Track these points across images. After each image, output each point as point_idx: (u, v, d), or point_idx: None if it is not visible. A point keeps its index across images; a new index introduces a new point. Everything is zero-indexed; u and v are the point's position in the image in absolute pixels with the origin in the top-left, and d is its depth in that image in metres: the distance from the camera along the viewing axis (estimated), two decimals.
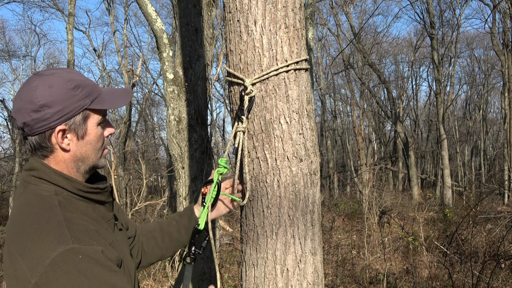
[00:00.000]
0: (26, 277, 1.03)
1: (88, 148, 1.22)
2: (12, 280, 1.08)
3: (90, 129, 1.21)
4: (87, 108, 1.19)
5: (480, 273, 5.53)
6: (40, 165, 1.18)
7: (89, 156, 1.24)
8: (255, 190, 1.64)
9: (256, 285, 1.64)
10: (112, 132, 1.28)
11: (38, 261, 1.03)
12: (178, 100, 4.62)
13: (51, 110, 1.13)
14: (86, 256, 1.05)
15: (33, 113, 1.13)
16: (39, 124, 1.14)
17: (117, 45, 22.13)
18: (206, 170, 4.55)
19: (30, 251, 1.05)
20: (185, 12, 4.48)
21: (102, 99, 1.22)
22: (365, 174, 14.08)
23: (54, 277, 1.01)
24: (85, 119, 1.20)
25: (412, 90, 31.84)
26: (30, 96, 1.14)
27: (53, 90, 1.14)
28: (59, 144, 1.18)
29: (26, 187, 1.18)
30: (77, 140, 1.20)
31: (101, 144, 1.26)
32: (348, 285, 7.14)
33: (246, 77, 1.61)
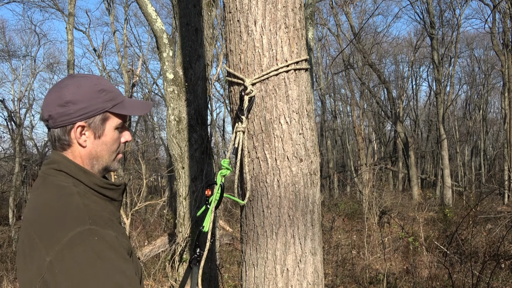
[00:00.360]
0: (42, 255, 1.09)
1: (103, 148, 1.30)
2: (28, 262, 1.14)
3: (107, 131, 1.30)
4: (107, 110, 1.28)
5: (480, 273, 5.53)
6: (61, 158, 1.27)
7: (103, 156, 1.31)
8: (255, 190, 1.64)
9: (256, 285, 1.64)
10: (129, 139, 1.37)
11: (56, 239, 1.09)
12: (178, 100, 4.62)
13: (75, 107, 1.23)
14: (102, 238, 1.11)
15: (59, 107, 1.23)
16: (62, 118, 1.24)
17: (117, 45, 22.13)
18: (206, 170, 4.55)
19: (49, 232, 1.11)
20: (185, 12, 4.48)
21: (124, 105, 1.32)
22: (365, 174, 14.08)
23: (69, 255, 1.07)
24: (104, 121, 1.28)
25: (412, 90, 31.86)
26: (59, 93, 1.24)
27: (80, 90, 1.24)
28: (77, 139, 1.26)
29: (45, 179, 1.25)
30: (94, 139, 1.28)
31: (116, 147, 1.33)
32: (348, 285, 7.14)
33: (246, 77, 1.61)
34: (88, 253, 1.08)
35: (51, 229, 1.12)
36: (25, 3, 20.38)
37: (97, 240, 1.10)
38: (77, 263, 1.07)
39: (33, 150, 25.38)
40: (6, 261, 8.96)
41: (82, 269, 1.07)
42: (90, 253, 1.08)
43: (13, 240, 12.38)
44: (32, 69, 25.91)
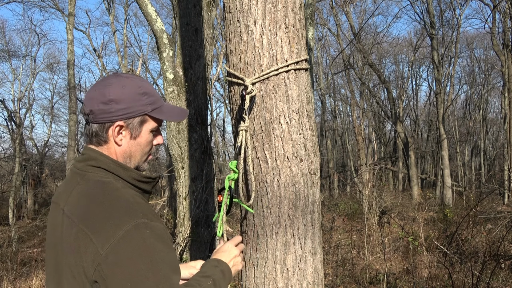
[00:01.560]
0: (97, 249, 1.13)
1: (137, 149, 1.35)
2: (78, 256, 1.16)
3: (143, 133, 1.34)
4: (147, 113, 1.32)
5: (480, 273, 5.53)
6: (98, 155, 1.31)
7: (136, 156, 1.36)
8: (255, 190, 1.64)
9: (256, 285, 1.64)
10: (161, 142, 1.40)
11: (112, 233, 1.13)
12: (178, 100, 4.62)
13: (117, 106, 1.27)
14: (153, 231, 1.17)
15: (102, 104, 1.27)
16: (103, 114, 1.28)
17: (117, 45, 22.14)
18: (206, 170, 4.55)
19: (103, 227, 1.15)
20: (185, 12, 4.48)
21: (162, 110, 1.36)
22: (365, 174, 14.08)
23: (124, 249, 1.13)
24: (142, 123, 1.33)
25: (412, 90, 31.85)
26: (103, 90, 1.28)
27: (124, 90, 1.29)
28: (113, 137, 1.30)
29: (84, 176, 1.29)
30: (130, 139, 1.33)
31: (148, 149, 1.38)
32: (348, 285, 7.14)
33: (246, 77, 1.61)
34: (141, 246, 1.14)
35: (105, 224, 1.15)
36: (25, 3, 20.38)
37: (149, 233, 1.16)
38: (130, 257, 1.13)
39: (33, 150, 25.39)
40: (6, 261, 8.96)
41: (134, 262, 1.13)
42: (143, 246, 1.14)
43: (13, 240, 12.37)
44: (32, 69, 25.93)
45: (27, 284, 7.86)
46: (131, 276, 1.12)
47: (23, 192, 22.03)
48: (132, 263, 1.13)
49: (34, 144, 25.47)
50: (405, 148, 20.56)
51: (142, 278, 1.13)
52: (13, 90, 25.89)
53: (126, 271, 1.13)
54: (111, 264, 1.12)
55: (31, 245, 12.92)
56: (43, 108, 31.92)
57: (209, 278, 1.34)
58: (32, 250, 11.48)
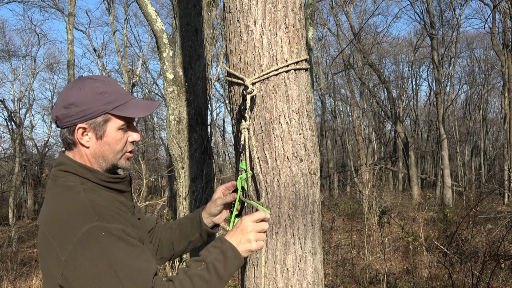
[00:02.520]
0: (58, 255, 1.18)
1: (106, 149, 1.35)
2: (47, 260, 1.23)
3: (109, 132, 1.34)
4: (108, 112, 1.32)
5: (480, 273, 5.53)
6: (66, 160, 1.34)
7: (108, 156, 1.36)
8: (255, 190, 1.64)
9: (256, 285, 1.64)
10: (137, 139, 1.40)
11: (67, 239, 1.17)
12: (178, 100, 4.62)
13: (77, 109, 1.29)
14: (108, 232, 1.18)
15: (63, 109, 1.31)
16: (66, 119, 1.31)
17: (117, 45, 22.13)
18: (206, 170, 4.55)
19: (60, 232, 1.19)
20: (185, 12, 4.48)
21: (126, 107, 1.35)
22: (365, 174, 14.09)
23: (81, 253, 1.16)
24: (106, 122, 1.33)
25: (412, 90, 31.84)
26: (65, 94, 1.32)
27: (82, 92, 1.30)
28: (79, 140, 1.33)
29: (55, 181, 1.32)
30: (96, 140, 1.34)
31: (120, 147, 1.37)
32: (348, 285, 7.14)
33: (246, 77, 1.61)
34: (97, 249, 1.16)
35: (61, 229, 1.19)
36: (25, 3, 20.38)
37: (104, 235, 1.17)
38: (89, 259, 1.15)
39: (33, 150, 25.40)
40: (6, 261, 8.96)
41: (94, 264, 1.15)
42: (98, 249, 1.16)
43: (13, 240, 12.38)
44: (32, 69, 25.93)
45: (27, 284, 7.87)
46: (94, 278, 1.15)
47: (23, 192, 22.03)
48: (91, 266, 1.15)
49: (34, 144, 25.48)
50: (405, 148, 20.56)
51: (105, 279, 1.15)
52: (13, 90, 25.90)
53: (88, 274, 1.15)
54: (72, 270, 1.16)
55: (31, 245, 12.92)
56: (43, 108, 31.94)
57: (202, 262, 1.30)
58: (32, 250, 11.49)
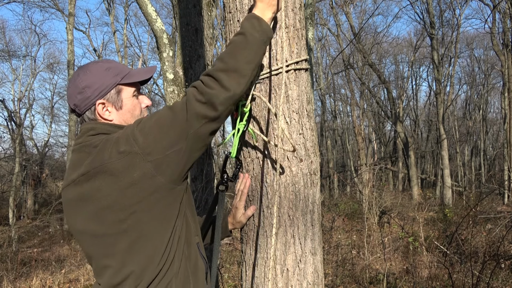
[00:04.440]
0: (133, 148, 1.28)
1: (127, 116, 1.46)
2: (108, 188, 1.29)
3: (125, 100, 1.45)
4: (118, 83, 1.43)
5: (480, 273, 5.53)
6: (93, 124, 1.42)
7: (131, 123, 1.45)
8: (255, 190, 1.64)
9: (256, 285, 1.64)
10: (148, 104, 1.53)
11: (128, 134, 1.32)
12: (178, 100, 4.62)
13: (91, 89, 1.41)
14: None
15: (79, 94, 1.42)
16: (84, 102, 1.42)
17: (117, 45, 22.14)
18: (206, 170, 4.54)
19: (115, 144, 1.30)
20: (185, 12, 4.48)
21: (131, 75, 1.46)
22: (365, 174, 14.09)
23: (141, 125, 1.32)
24: (119, 93, 1.44)
25: (412, 90, 31.83)
26: (75, 83, 1.43)
27: (91, 74, 1.42)
28: (102, 116, 1.43)
29: (89, 145, 1.37)
30: (117, 111, 1.44)
31: (138, 111, 1.50)
32: (348, 285, 7.14)
33: None
34: (151, 117, 1.35)
35: (116, 143, 1.31)
36: (25, 3, 20.38)
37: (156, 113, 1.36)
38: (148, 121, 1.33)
39: (33, 150, 25.39)
40: (6, 261, 8.96)
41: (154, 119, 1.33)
42: (152, 117, 1.34)
43: (13, 240, 12.37)
44: (32, 69, 25.93)
45: (27, 284, 7.87)
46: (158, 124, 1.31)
47: (23, 192, 22.02)
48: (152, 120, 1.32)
49: (34, 144, 25.47)
50: (405, 148, 20.56)
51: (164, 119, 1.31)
52: (13, 90, 25.89)
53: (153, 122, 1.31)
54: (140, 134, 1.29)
55: (31, 245, 12.92)
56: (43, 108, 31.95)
57: (242, 35, 1.39)
58: (32, 250, 11.48)
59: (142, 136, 1.29)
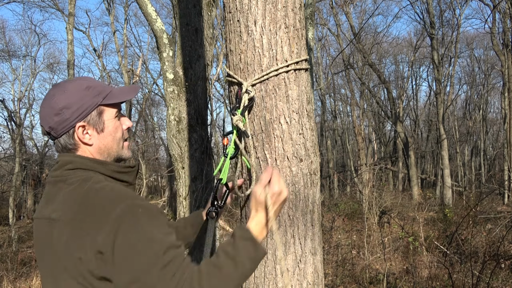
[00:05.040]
0: (94, 238, 1.12)
1: (109, 140, 1.35)
2: (69, 256, 1.15)
3: (107, 122, 1.35)
4: (100, 104, 1.32)
5: (480, 273, 5.53)
6: (73, 158, 1.31)
7: (112, 147, 1.36)
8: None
9: (256, 285, 1.64)
10: (129, 125, 1.42)
11: (105, 220, 1.13)
12: (178, 100, 4.62)
13: (70, 111, 1.28)
14: (146, 208, 1.16)
15: (55, 116, 1.29)
16: (62, 125, 1.29)
17: (117, 45, 22.13)
18: (206, 170, 4.54)
19: (95, 216, 1.15)
20: (185, 12, 4.48)
21: (113, 95, 1.36)
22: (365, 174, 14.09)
23: (121, 230, 1.11)
24: (101, 114, 1.33)
25: (412, 90, 31.83)
26: (50, 104, 1.30)
27: (68, 94, 1.30)
28: (81, 140, 1.31)
29: (65, 181, 1.27)
30: (98, 134, 1.33)
31: (120, 134, 1.38)
32: (348, 285, 7.14)
33: (245, 79, 1.61)
34: (136, 225, 1.13)
35: (95, 214, 1.15)
36: (25, 3, 20.37)
37: (142, 212, 1.15)
38: (127, 236, 1.11)
39: (33, 150, 25.39)
40: (6, 261, 8.96)
41: (133, 241, 1.11)
42: (138, 224, 1.13)
43: (13, 240, 12.37)
44: (32, 69, 25.92)
45: (27, 284, 7.87)
46: (133, 254, 1.10)
47: (23, 192, 22.03)
48: (130, 242, 1.11)
49: (34, 144, 25.46)
50: (405, 148, 20.56)
51: (143, 255, 1.11)
52: (13, 90, 25.89)
53: (126, 250, 1.11)
54: (110, 247, 1.11)
55: (31, 245, 12.91)
56: None
57: (231, 260, 1.20)
58: (32, 250, 11.48)
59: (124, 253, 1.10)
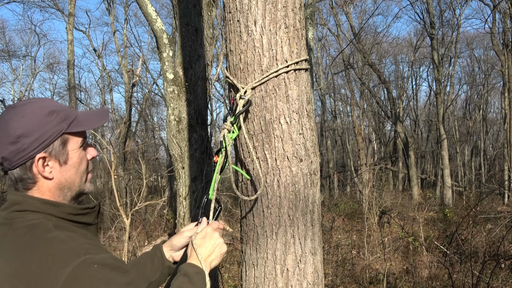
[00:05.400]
0: None
1: (72, 173, 1.19)
2: None
3: (71, 153, 1.18)
4: (65, 132, 1.16)
5: (480, 273, 5.53)
6: (22, 198, 1.14)
7: (74, 181, 1.20)
8: (255, 190, 1.64)
9: (256, 285, 1.64)
10: (94, 155, 1.25)
11: (52, 281, 0.98)
12: (178, 100, 4.62)
13: (28, 140, 1.11)
14: (101, 264, 1.04)
15: (11, 145, 1.10)
16: (18, 155, 1.11)
17: (117, 45, 22.13)
18: (206, 170, 4.54)
19: (40, 275, 1.00)
20: (185, 12, 4.48)
21: (79, 121, 1.19)
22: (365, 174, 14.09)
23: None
24: (65, 144, 1.16)
25: (412, 90, 31.85)
26: (5, 129, 1.11)
27: (27, 119, 1.11)
28: (41, 173, 1.14)
29: (12, 224, 1.10)
30: (60, 166, 1.16)
31: (84, 166, 1.22)
32: (348, 285, 7.14)
33: (246, 77, 1.61)
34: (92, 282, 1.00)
35: (42, 273, 1.00)
36: (25, 3, 20.38)
37: (97, 267, 1.02)
38: None
39: None
40: None
41: None
42: (94, 282, 1.01)
43: None
44: (32, 69, 25.96)
45: None
46: None
47: None
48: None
49: None
50: (405, 148, 20.56)
51: None
52: (13, 90, 25.91)
53: None
54: None
55: None
56: None
57: None
58: None
59: None
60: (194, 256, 1.30)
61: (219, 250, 1.34)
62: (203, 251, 1.31)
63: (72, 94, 16.72)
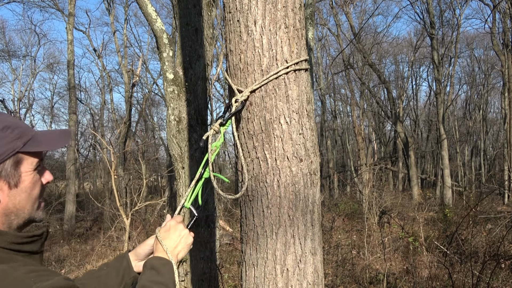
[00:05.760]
0: None
1: (22, 198, 1.05)
2: None
3: (24, 176, 1.04)
4: (19, 151, 1.03)
5: (480, 273, 5.53)
6: None
7: (24, 207, 1.06)
8: (255, 190, 1.64)
9: (256, 285, 1.64)
10: (50, 179, 1.12)
11: None
12: (178, 100, 4.62)
13: None
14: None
15: None
16: None
17: (117, 45, 22.13)
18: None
19: None
20: (185, 12, 4.48)
21: (37, 140, 1.07)
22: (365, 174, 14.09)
23: None
24: (18, 164, 1.03)
25: (412, 90, 31.86)
26: None
27: None
28: None
29: None
30: (9, 189, 1.03)
31: (37, 192, 1.09)
32: (348, 285, 7.14)
33: (246, 78, 1.61)
34: None
35: None
36: (25, 3, 20.39)
37: None
38: None
39: None
40: None
41: None
42: None
43: None
44: (32, 69, 25.96)
45: None
46: None
47: None
48: None
49: None
50: (405, 148, 20.56)
51: None
52: (13, 90, 25.91)
53: None
54: None
55: None
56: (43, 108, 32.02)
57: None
58: None
59: None
60: (160, 249, 1.31)
61: (185, 241, 1.35)
62: (169, 242, 1.31)
63: (72, 94, 16.73)
